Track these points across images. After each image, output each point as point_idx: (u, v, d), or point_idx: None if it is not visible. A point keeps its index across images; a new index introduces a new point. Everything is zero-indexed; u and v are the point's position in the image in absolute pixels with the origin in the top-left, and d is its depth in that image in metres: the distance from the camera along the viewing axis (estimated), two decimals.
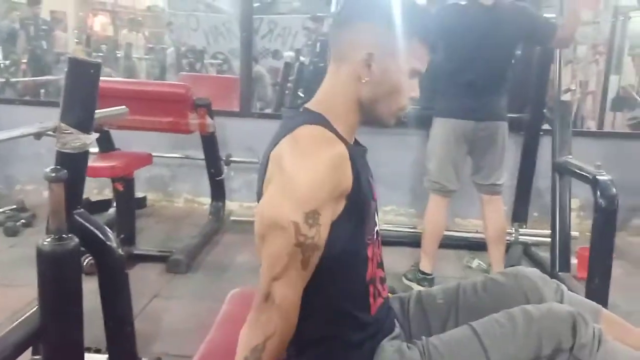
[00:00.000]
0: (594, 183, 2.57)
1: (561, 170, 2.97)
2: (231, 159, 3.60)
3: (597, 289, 2.53)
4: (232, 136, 3.84)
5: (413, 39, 1.02)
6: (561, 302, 1.19)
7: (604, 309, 1.28)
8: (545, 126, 3.41)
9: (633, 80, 6.21)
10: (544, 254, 3.20)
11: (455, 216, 3.77)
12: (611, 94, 5.89)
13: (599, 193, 2.53)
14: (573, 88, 3.11)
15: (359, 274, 1.07)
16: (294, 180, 0.93)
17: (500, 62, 2.67)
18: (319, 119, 1.03)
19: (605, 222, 2.53)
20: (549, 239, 3.18)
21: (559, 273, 2.94)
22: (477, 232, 3.38)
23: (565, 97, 3.03)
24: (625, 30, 6.22)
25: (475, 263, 3.15)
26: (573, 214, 3.29)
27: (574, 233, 3.11)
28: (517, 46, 2.80)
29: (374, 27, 1.02)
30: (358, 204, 1.00)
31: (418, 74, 1.05)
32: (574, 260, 3.03)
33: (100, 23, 8.32)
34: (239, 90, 3.93)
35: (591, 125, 5.83)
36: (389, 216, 3.87)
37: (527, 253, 3.28)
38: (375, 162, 1.14)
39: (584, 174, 2.70)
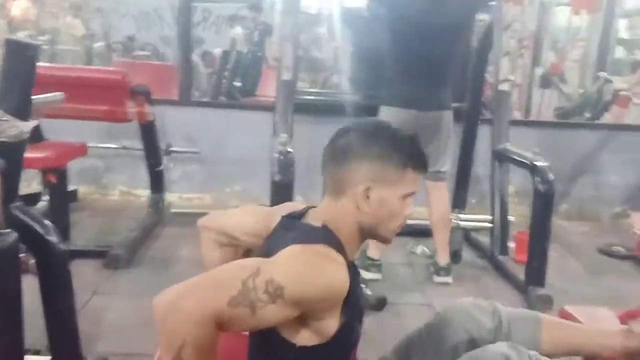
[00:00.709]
0: (532, 169, 2.69)
1: (500, 158, 3.08)
2: (171, 148, 3.47)
3: (536, 269, 2.66)
4: (170, 125, 3.70)
5: (407, 169, 1.07)
6: (500, 322, 1.27)
7: (542, 314, 1.35)
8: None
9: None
10: (484, 239, 3.31)
11: None
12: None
13: (537, 178, 2.65)
14: (512, 78, 3.20)
15: None
16: (280, 263, 0.97)
17: (444, 51, 2.71)
18: (336, 243, 1.05)
19: (543, 206, 2.65)
20: (487, 224, 3.30)
21: (499, 256, 3.06)
22: (420, 219, 3.44)
23: (504, 86, 3.13)
24: (548, 24, 6.54)
25: (419, 249, 3.21)
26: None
27: (510, 218, 3.23)
28: (461, 36, 2.85)
29: (370, 164, 1.06)
30: (349, 318, 1.04)
31: (411, 195, 1.10)
32: (512, 244, 3.15)
33: (20, 7, 7.78)
34: (177, 78, 3.79)
35: (517, 115, 6.09)
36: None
37: (468, 238, 3.39)
38: (319, 152, 1.14)
39: (523, 160, 2.82)
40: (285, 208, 1.23)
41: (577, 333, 1.30)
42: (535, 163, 2.67)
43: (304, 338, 1.02)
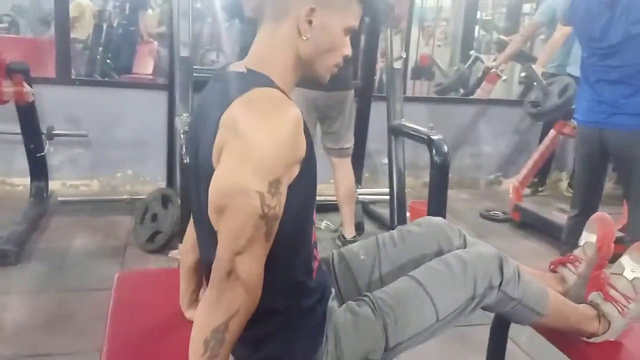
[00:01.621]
0: (429, 142, 2.86)
1: (396, 133, 3.23)
2: (54, 132, 3.18)
3: None
4: (49, 106, 3.38)
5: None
6: (465, 243, 1.31)
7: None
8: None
9: (427, 50, 6.97)
10: (381, 210, 3.48)
11: None
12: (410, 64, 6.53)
13: (434, 151, 2.82)
14: (404, 56, 3.36)
15: (308, 240, 1.05)
16: (255, 148, 0.88)
17: None
18: (267, 81, 0.98)
19: (440, 176, 2.83)
20: (384, 197, 3.47)
21: (398, 226, 3.23)
22: (322, 195, 3.52)
23: (397, 64, 3.28)
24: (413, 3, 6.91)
25: (323, 224, 3.30)
26: None
27: None
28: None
29: None
30: (311, 168, 0.98)
31: (352, 31, 1.06)
32: (408, 214, 3.34)
33: None
34: (54, 54, 3.46)
35: None
36: None
37: (367, 211, 3.54)
38: None
39: (419, 135, 2.98)
40: None
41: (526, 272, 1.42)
42: (432, 137, 2.84)
43: None
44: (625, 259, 1.33)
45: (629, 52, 2.20)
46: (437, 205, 2.85)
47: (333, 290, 1.18)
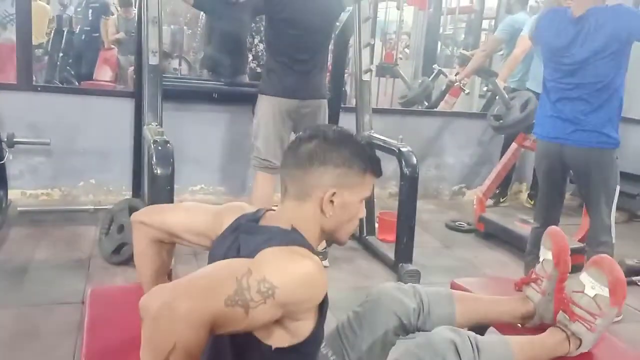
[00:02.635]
0: (398, 154, 2.91)
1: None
2: (15, 139, 3.06)
3: (405, 247, 2.90)
4: (10, 113, 3.27)
5: (366, 174, 1.12)
6: (421, 302, 1.37)
7: (452, 290, 1.50)
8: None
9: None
10: None
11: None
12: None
13: (403, 163, 2.88)
14: (372, 69, 3.41)
15: None
16: (268, 262, 0.96)
17: (319, 40, 2.82)
18: (308, 245, 1.07)
19: (409, 188, 2.89)
20: None
21: (367, 237, 3.27)
22: None
23: (366, 77, 3.33)
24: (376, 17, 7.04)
25: None
26: None
27: None
28: (331, 30, 2.98)
29: (335, 170, 1.09)
30: (322, 317, 1.06)
31: (367, 199, 1.15)
32: (376, 224, 3.38)
33: None
34: (14, 59, 3.35)
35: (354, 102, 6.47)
36: (198, 195, 3.77)
37: None
38: (182, 140, 1.16)
39: (389, 146, 3.03)
40: (233, 209, 1.20)
41: (481, 303, 1.46)
42: (401, 149, 2.90)
43: (280, 339, 1.01)
44: (584, 277, 1.36)
45: (590, 71, 2.30)
46: (406, 216, 2.91)
47: None
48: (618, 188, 2.42)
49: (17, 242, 2.91)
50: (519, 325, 1.47)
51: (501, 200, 4.33)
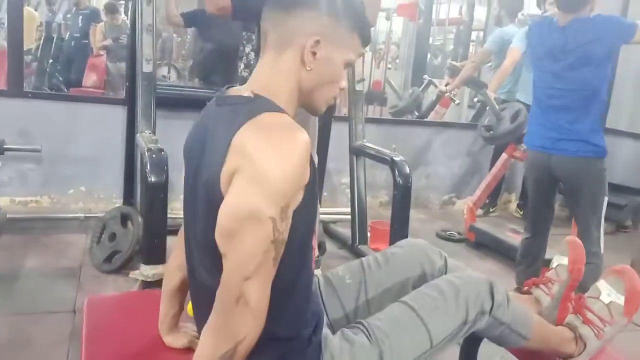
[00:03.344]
0: (391, 163, 2.93)
1: (358, 153, 3.29)
2: (5, 146, 3.03)
3: None
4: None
5: (354, 32, 1.05)
6: (445, 265, 1.35)
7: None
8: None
9: (378, 72, 7.12)
10: (342, 230, 3.51)
11: None
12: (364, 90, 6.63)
13: (396, 172, 2.89)
14: (365, 79, 3.44)
15: (309, 264, 1.06)
16: (269, 173, 0.88)
17: None
18: (275, 107, 0.99)
19: (402, 197, 2.90)
20: (342, 216, 3.51)
21: (359, 246, 3.27)
22: None
23: (359, 87, 3.35)
24: None
25: None
26: None
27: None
28: None
29: (320, 16, 1.01)
30: (314, 193, 1.00)
31: (350, 65, 1.08)
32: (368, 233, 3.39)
33: None
34: (5, 65, 3.32)
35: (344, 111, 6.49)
36: None
37: (327, 230, 3.56)
38: (173, 147, 1.14)
39: (382, 156, 3.05)
40: None
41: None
42: (394, 158, 2.91)
43: None
44: (601, 283, 1.40)
45: (574, 79, 2.33)
46: (399, 224, 2.91)
47: (325, 317, 1.18)
48: (606, 199, 2.44)
49: (6, 250, 2.86)
50: None
51: (491, 210, 4.36)
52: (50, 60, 5.26)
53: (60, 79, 5.74)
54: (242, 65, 4.18)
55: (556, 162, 2.44)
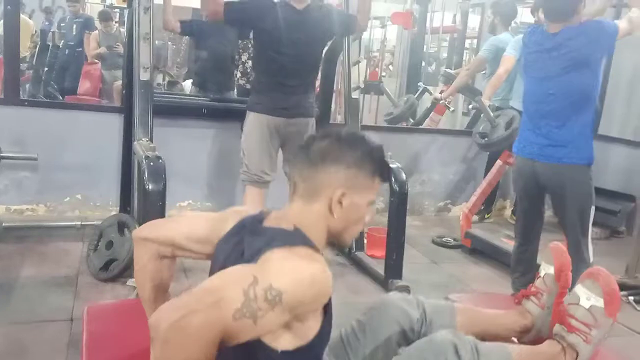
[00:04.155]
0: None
1: None
2: (2, 154, 3.03)
3: (394, 263, 2.91)
4: None
5: (375, 177, 1.14)
6: (424, 312, 1.40)
7: (455, 303, 1.52)
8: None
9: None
10: None
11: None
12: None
13: (393, 179, 2.91)
14: (362, 86, 3.46)
15: None
16: (273, 268, 0.96)
17: (309, 62, 2.86)
18: (313, 243, 1.07)
19: (399, 204, 2.92)
20: None
21: (356, 252, 3.28)
22: None
23: (355, 94, 3.37)
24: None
25: None
26: None
27: None
28: (324, 46, 3.02)
29: (346, 169, 1.10)
30: (329, 326, 1.08)
31: (373, 203, 1.16)
32: (365, 240, 3.40)
33: None
34: (1, 73, 3.32)
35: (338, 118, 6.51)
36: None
37: None
38: (170, 155, 1.17)
39: None
40: (237, 212, 1.21)
41: (481, 316, 1.49)
42: (391, 165, 2.93)
43: (286, 342, 1.01)
44: (578, 289, 1.40)
45: (563, 85, 2.35)
46: (396, 232, 2.93)
47: None
48: (594, 209, 2.43)
49: (2, 258, 2.85)
50: (515, 340, 1.49)
51: (486, 216, 4.38)
52: (46, 69, 5.26)
53: (55, 87, 5.75)
54: (239, 74, 4.22)
55: (541, 168, 2.44)
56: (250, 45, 3.95)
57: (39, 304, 2.40)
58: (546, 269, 1.50)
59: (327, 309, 1.07)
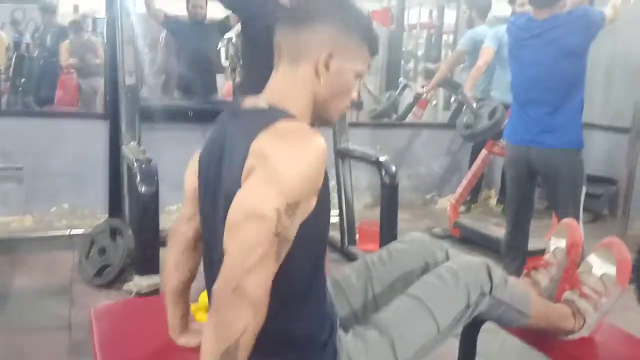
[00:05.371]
0: (378, 164, 2.97)
1: (343, 155, 3.33)
2: None
3: None
4: None
5: (363, 43, 1.08)
6: (447, 255, 1.38)
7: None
8: None
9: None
10: (331, 232, 3.51)
11: None
12: None
13: (383, 172, 2.94)
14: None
15: (322, 267, 1.09)
16: (281, 171, 0.91)
17: None
18: (291, 115, 1.02)
19: (390, 196, 2.95)
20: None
21: (348, 247, 3.30)
22: None
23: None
24: None
25: None
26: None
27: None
28: None
29: (333, 29, 1.05)
30: (327, 200, 1.04)
31: (361, 76, 1.11)
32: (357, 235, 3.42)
33: None
34: None
35: None
36: (175, 215, 3.72)
37: None
38: (157, 159, 1.16)
39: (367, 157, 3.10)
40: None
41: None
42: (380, 159, 2.96)
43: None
44: (592, 257, 1.45)
45: (552, 73, 2.40)
46: (388, 223, 2.95)
47: (337, 318, 1.21)
48: (584, 189, 2.50)
49: None
50: None
51: (472, 206, 4.44)
52: (23, 80, 5.18)
53: (31, 98, 5.66)
54: (230, 70, 4.19)
55: (534, 154, 2.49)
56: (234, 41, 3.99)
57: (36, 312, 2.38)
58: (557, 243, 1.54)
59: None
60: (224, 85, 5.07)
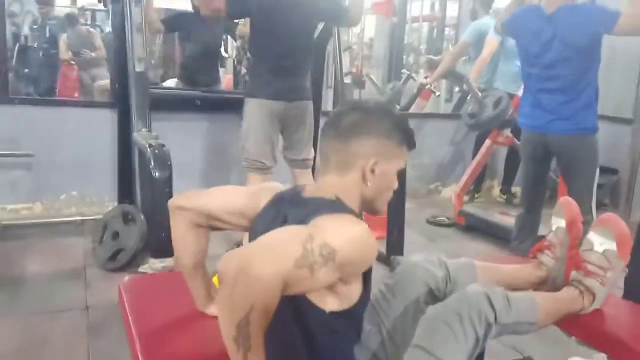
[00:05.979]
0: None
1: None
2: None
3: (396, 240, 2.98)
4: None
5: (403, 146, 1.21)
6: (447, 271, 1.42)
7: (474, 260, 1.53)
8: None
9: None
10: None
11: None
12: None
13: None
14: (353, 70, 3.52)
15: (360, 329, 1.22)
16: (329, 229, 0.99)
17: (302, 44, 2.88)
18: (355, 212, 1.14)
19: (398, 181, 2.98)
20: None
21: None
22: None
23: (347, 79, 3.42)
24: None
25: None
26: None
27: None
28: (315, 26, 3.05)
29: (377, 139, 1.16)
30: (368, 286, 1.15)
31: (402, 171, 1.24)
32: None
33: None
34: None
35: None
36: None
37: None
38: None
39: None
40: (269, 188, 1.25)
41: (499, 271, 1.54)
42: None
43: (332, 304, 1.07)
44: (591, 236, 1.48)
45: (566, 65, 2.45)
46: (396, 212, 2.99)
47: None
48: (598, 170, 2.60)
49: (6, 255, 2.84)
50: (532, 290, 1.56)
51: (476, 195, 4.49)
52: (26, 70, 5.19)
53: (33, 89, 5.67)
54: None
55: (552, 140, 2.56)
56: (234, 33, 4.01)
57: (52, 296, 2.41)
58: (557, 223, 1.57)
59: (366, 276, 1.12)
60: (224, 78, 5.09)
